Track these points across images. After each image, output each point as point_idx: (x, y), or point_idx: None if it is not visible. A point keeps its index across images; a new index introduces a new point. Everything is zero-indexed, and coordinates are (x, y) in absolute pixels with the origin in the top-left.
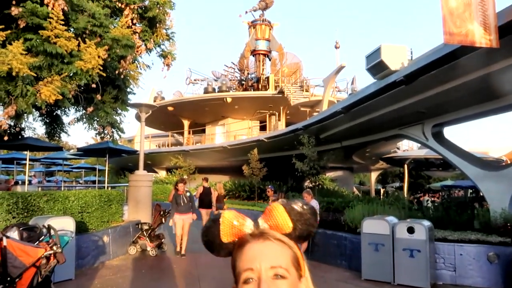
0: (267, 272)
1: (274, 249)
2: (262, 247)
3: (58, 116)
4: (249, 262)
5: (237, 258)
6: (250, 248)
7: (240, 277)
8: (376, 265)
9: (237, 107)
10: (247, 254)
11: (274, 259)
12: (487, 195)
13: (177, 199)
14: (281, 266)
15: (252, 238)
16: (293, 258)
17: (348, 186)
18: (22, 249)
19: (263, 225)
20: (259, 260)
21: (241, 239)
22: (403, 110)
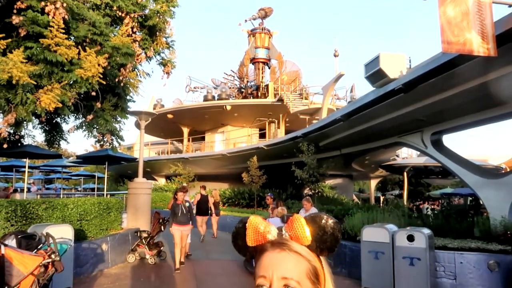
0: (278, 282)
1: (289, 260)
2: (277, 257)
3: (58, 124)
4: (263, 269)
5: (256, 264)
6: (267, 256)
7: (255, 282)
8: (376, 273)
9: (237, 115)
10: (263, 261)
11: (286, 271)
12: (487, 203)
13: (175, 209)
14: (293, 278)
15: (271, 246)
16: (309, 271)
17: (347, 193)
18: (20, 257)
19: (286, 234)
20: (272, 269)
21: (262, 246)
22: (402, 118)
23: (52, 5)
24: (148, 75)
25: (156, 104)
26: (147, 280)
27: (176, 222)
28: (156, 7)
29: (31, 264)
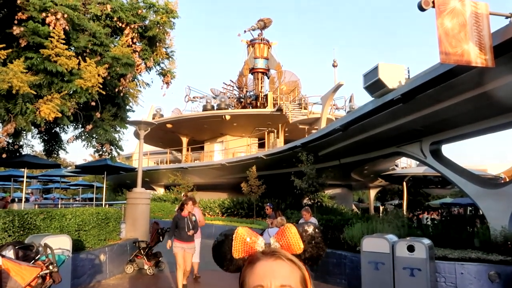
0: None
1: (285, 268)
2: (274, 265)
3: (57, 134)
4: (259, 279)
5: (247, 275)
6: (261, 265)
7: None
8: (376, 284)
9: (236, 125)
10: (258, 271)
11: (284, 278)
12: (487, 213)
13: (179, 222)
14: (291, 286)
15: (264, 256)
16: (301, 279)
17: (347, 203)
18: (18, 268)
19: (275, 244)
20: (269, 278)
21: (252, 256)
22: (401, 128)
23: (53, 16)
24: (148, 85)
25: (156, 113)
26: None
27: (179, 238)
28: (156, 18)
29: (28, 275)
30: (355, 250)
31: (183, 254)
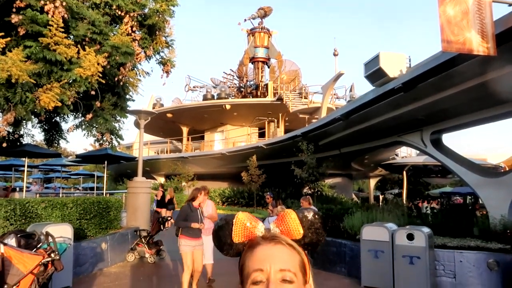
0: (276, 274)
1: (285, 253)
2: (273, 250)
3: (57, 123)
4: (259, 263)
5: (247, 259)
6: (261, 250)
7: (248, 277)
8: (376, 272)
9: (236, 114)
10: (258, 255)
11: (284, 263)
12: (486, 202)
13: (190, 215)
14: (290, 270)
15: (263, 240)
16: (300, 263)
17: (347, 193)
18: (20, 256)
19: (275, 230)
20: (269, 262)
21: (252, 241)
22: (402, 117)
23: (52, 4)
24: (148, 74)
25: (156, 103)
26: (147, 279)
27: (188, 234)
28: (156, 6)
29: (30, 263)
30: (355, 239)
31: (193, 254)
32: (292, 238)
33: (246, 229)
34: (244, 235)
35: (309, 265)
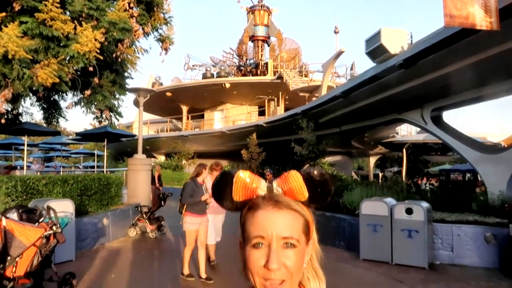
0: (278, 241)
1: (287, 219)
2: (275, 217)
3: (56, 101)
4: (260, 229)
5: (247, 220)
6: (263, 215)
7: (249, 241)
8: (374, 246)
9: (236, 93)
10: (259, 221)
11: (286, 229)
12: (485, 178)
13: (195, 191)
14: (293, 237)
15: (265, 204)
16: (304, 225)
17: (346, 171)
18: (22, 229)
19: (277, 189)
20: (271, 230)
21: (253, 202)
22: (402, 95)
23: None
24: (146, 52)
25: (155, 82)
26: (148, 254)
27: (194, 211)
28: None
29: (32, 235)
30: (354, 214)
31: (197, 231)
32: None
33: (247, 188)
34: (245, 195)
35: (312, 221)
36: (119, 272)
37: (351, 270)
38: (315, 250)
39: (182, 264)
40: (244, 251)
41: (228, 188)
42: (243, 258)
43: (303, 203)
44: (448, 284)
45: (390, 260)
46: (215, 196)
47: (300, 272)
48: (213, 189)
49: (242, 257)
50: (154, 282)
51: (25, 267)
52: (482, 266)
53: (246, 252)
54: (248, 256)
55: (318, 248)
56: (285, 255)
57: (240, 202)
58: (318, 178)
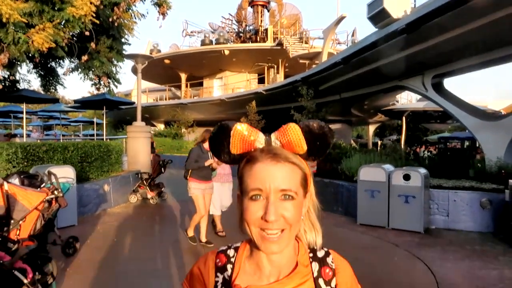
0: (276, 194)
1: (285, 171)
2: (273, 169)
3: (53, 69)
4: (258, 182)
5: (245, 173)
6: (261, 168)
7: (247, 193)
8: (372, 211)
9: (235, 60)
10: (257, 173)
11: (284, 182)
12: (484, 145)
13: (200, 157)
14: (291, 189)
15: (263, 157)
16: (302, 178)
17: (346, 139)
18: (24, 193)
19: (275, 142)
20: (268, 182)
21: (251, 155)
22: (404, 61)
23: None
24: (143, 16)
25: (153, 49)
26: (150, 219)
27: (198, 177)
28: None
29: (34, 199)
30: (352, 180)
31: (204, 197)
32: (294, 152)
33: (244, 141)
34: (243, 148)
35: (310, 174)
36: (121, 236)
37: (348, 234)
38: (313, 203)
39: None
40: (241, 204)
41: (225, 141)
42: (241, 211)
43: (301, 156)
44: (443, 247)
45: (387, 224)
46: (212, 149)
47: (298, 223)
48: (210, 142)
49: (240, 210)
50: (155, 245)
51: (29, 230)
52: (477, 230)
53: (243, 204)
54: (245, 208)
55: (315, 201)
56: (283, 206)
57: (237, 155)
58: (317, 130)
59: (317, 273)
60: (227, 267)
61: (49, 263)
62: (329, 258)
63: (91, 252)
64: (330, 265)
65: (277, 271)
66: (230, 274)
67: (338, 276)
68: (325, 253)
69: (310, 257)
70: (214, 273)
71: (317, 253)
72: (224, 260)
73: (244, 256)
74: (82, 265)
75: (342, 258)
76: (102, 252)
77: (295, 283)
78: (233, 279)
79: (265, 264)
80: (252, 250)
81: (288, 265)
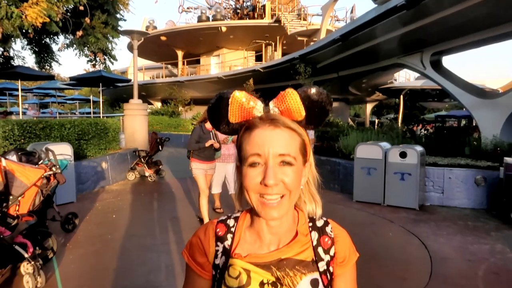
0: (275, 158)
1: (284, 137)
2: (272, 134)
3: (47, 45)
4: (257, 147)
5: (244, 141)
6: (259, 133)
7: (246, 160)
8: (368, 188)
9: (232, 37)
10: (256, 139)
11: (283, 147)
12: (480, 123)
13: (202, 137)
14: (290, 154)
15: (262, 123)
16: (301, 145)
17: (343, 117)
18: (22, 169)
19: (274, 110)
20: (267, 147)
21: (250, 122)
22: (403, 38)
23: None
24: None
25: (149, 26)
26: (148, 195)
27: (200, 158)
28: None
29: (33, 176)
30: (349, 158)
31: (205, 177)
32: (293, 119)
33: (243, 109)
34: (241, 116)
35: (309, 143)
36: (120, 212)
37: (344, 211)
38: (312, 174)
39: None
40: (240, 173)
41: (223, 110)
42: (240, 181)
43: (299, 124)
44: (436, 223)
45: (382, 201)
46: (211, 119)
47: (298, 190)
48: (209, 112)
49: (239, 181)
50: (154, 222)
51: (28, 206)
52: (471, 207)
53: (242, 172)
54: (244, 175)
55: (315, 173)
56: (282, 171)
57: (236, 123)
58: (315, 97)
59: (316, 242)
60: (227, 236)
61: (49, 238)
62: (328, 228)
63: (91, 228)
64: (329, 234)
65: (277, 240)
66: (230, 243)
67: (336, 245)
68: (324, 223)
69: (310, 226)
70: (214, 242)
71: (316, 223)
72: (224, 229)
73: (244, 226)
74: (82, 240)
75: (341, 228)
76: (101, 228)
77: (294, 252)
78: (233, 248)
79: (265, 233)
80: (252, 219)
81: (287, 234)
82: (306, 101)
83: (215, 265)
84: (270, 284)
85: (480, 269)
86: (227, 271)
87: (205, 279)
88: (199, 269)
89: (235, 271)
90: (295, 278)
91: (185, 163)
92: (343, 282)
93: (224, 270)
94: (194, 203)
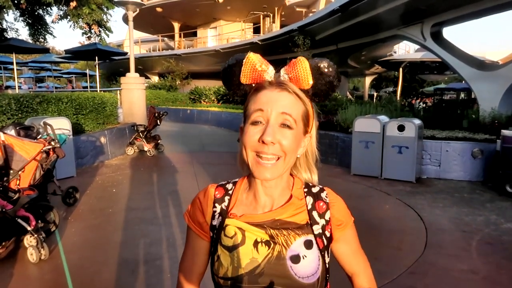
0: (277, 118)
1: (289, 99)
2: (277, 95)
3: (41, 16)
4: (261, 104)
5: (251, 100)
6: (266, 93)
7: (249, 118)
8: (366, 161)
9: (229, 8)
10: (261, 98)
11: (285, 107)
12: (479, 96)
13: None
14: (291, 115)
15: (270, 86)
16: (304, 113)
17: (342, 90)
18: (21, 144)
19: (284, 76)
20: (271, 105)
21: (259, 84)
22: (404, 8)
23: None
24: None
25: None
26: (147, 170)
27: None
28: None
29: (32, 150)
30: (347, 132)
31: None
32: (301, 87)
33: (255, 71)
34: (252, 77)
35: (313, 116)
36: (120, 186)
37: (341, 184)
38: (312, 149)
39: None
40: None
41: (237, 71)
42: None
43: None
44: (432, 196)
45: (380, 175)
46: (224, 80)
47: (294, 155)
48: (223, 73)
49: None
50: (154, 195)
51: (28, 180)
52: (467, 179)
53: (244, 130)
54: (245, 132)
55: (315, 149)
56: (281, 132)
57: (247, 86)
58: (325, 69)
59: (311, 206)
60: (225, 198)
61: (50, 211)
62: (323, 194)
63: (91, 202)
64: (324, 199)
65: (271, 202)
66: (227, 204)
67: (332, 209)
68: (320, 189)
69: (305, 191)
70: (212, 203)
71: (311, 189)
72: (222, 192)
73: (242, 189)
74: (83, 214)
75: (336, 194)
76: (102, 201)
77: (288, 214)
78: (230, 208)
79: (260, 194)
80: (250, 182)
81: (282, 197)
82: (316, 72)
83: (212, 226)
84: (264, 243)
85: (474, 240)
86: (223, 231)
87: (204, 240)
88: (198, 229)
89: (230, 231)
90: (289, 237)
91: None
92: (346, 244)
93: (221, 230)
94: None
